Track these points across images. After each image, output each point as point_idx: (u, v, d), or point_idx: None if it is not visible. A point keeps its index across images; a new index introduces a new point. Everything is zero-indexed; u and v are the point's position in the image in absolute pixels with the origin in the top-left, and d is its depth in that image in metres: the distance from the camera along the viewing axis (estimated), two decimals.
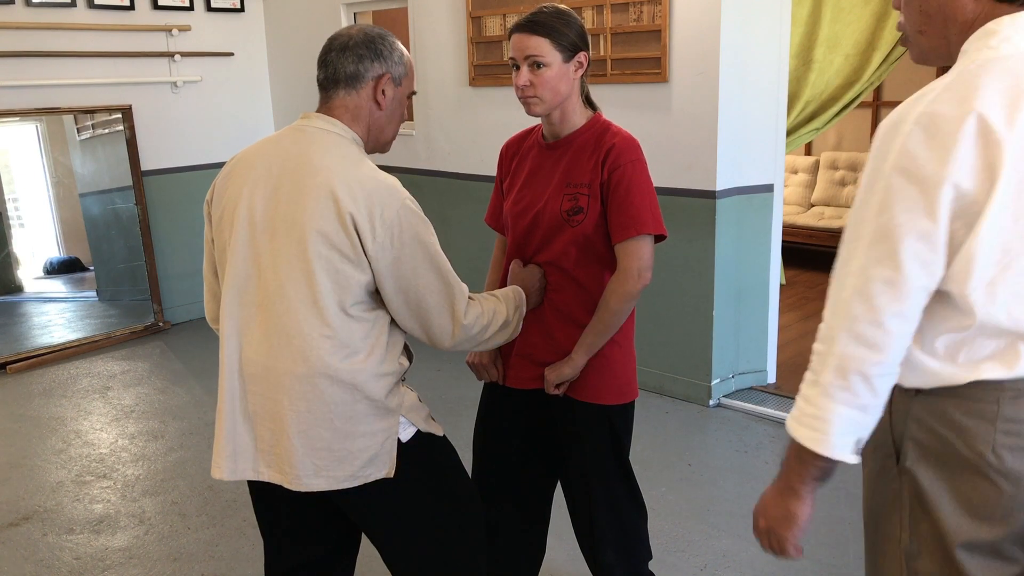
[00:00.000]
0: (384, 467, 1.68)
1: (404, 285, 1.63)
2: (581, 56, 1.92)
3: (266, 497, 1.80)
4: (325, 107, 1.71)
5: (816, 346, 1.25)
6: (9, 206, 5.66)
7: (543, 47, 1.87)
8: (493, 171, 2.27)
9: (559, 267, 1.98)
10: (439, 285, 1.67)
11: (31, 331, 5.37)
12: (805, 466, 1.28)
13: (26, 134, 5.63)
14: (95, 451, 3.64)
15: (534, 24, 1.87)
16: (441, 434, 1.86)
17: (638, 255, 1.93)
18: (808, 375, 1.26)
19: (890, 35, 5.02)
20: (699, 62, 3.62)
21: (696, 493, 3.13)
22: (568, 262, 1.96)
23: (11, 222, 5.69)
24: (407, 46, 4.97)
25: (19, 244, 5.82)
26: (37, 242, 6.05)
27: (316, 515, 1.83)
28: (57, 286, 6.05)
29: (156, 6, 5.08)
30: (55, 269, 6.13)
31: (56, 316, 5.60)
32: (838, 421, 1.22)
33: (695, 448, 3.50)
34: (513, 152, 2.11)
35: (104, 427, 3.90)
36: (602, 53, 3.92)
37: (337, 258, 1.57)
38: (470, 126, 4.64)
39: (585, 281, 1.98)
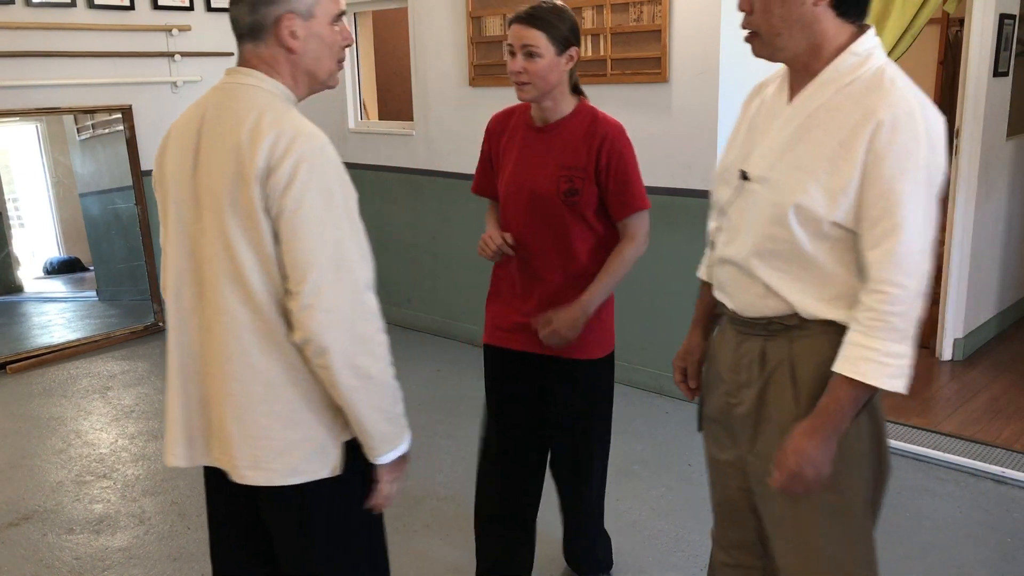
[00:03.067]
0: (329, 463, 1.52)
1: (297, 241, 1.41)
2: (573, 50, 2.13)
3: (223, 490, 1.64)
4: (242, 60, 1.55)
5: (895, 307, 1.42)
6: (9, 206, 5.66)
7: (539, 40, 2.07)
8: None
9: (563, 243, 2.20)
10: (336, 251, 1.43)
11: (31, 331, 5.37)
12: (857, 409, 1.49)
13: (26, 134, 5.63)
14: (95, 451, 3.64)
15: (533, 18, 2.08)
16: None
17: (644, 224, 2.23)
18: (890, 332, 1.42)
19: (890, 35, 5.01)
20: (699, 62, 3.62)
21: (696, 493, 3.13)
22: (573, 239, 2.19)
23: (11, 222, 5.69)
24: (407, 46, 4.98)
25: (19, 244, 5.82)
26: (37, 242, 6.05)
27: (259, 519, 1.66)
28: (57, 286, 6.05)
29: (156, 6, 5.08)
30: (55, 269, 6.13)
31: (56, 316, 5.60)
32: (911, 361, 1.46)
33: (695, 448, 3.50)
34: (500, 129, 2.30)
35: (104, 427, 3.90)
36: (602, 53, 3.92)
37: (250, 226, 1.43)
38: (470, 126, 4.64)
39: (582, 257, 2.22)
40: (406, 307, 5.29)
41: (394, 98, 6.04)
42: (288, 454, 1.50)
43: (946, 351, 4.38)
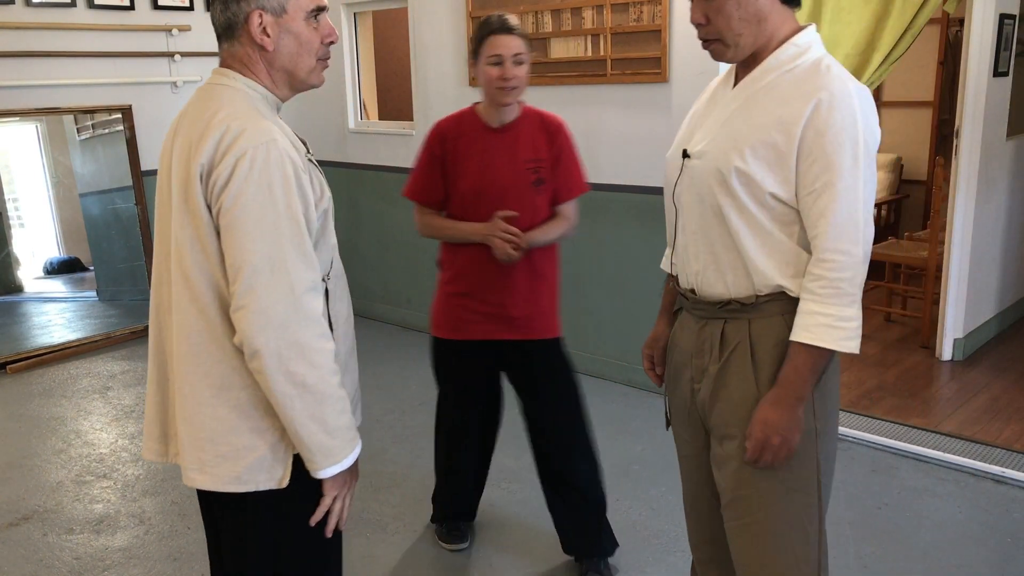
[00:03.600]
0: (276, 474, 1.48)
1: (232, 239, 1.38)
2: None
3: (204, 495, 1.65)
4: (221, 60, 1.54)
5: (843, 274, 1.50)
6: (9, 206, 5.66)
7: (524, 47, 2.39)
8: None
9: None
10: (272, 251, 1.38)
11: (31, 331, 5.37)
12: (816, 375, 1.56)
13: (26, 134, 5.63)
14: (95, 451, 3.64)
15: (515, 28, 2.38)
16: None
17: (576, 211, 2.56)
18: (841, 298, 1.51)
19: (890, 35, 5.01)
20: (699, 62, 3.62)
21: None
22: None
23: (11, 222, 5.69)
24: (407, 46, 4.98)
25: (19, 244, 5.82)
26: (37, 242, 6.05)
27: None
28: (57, 286, 6.05)
29: (156, 6, 5.08)
30: (55, 269, 6.13)
31: (56, 316, 5.60)
32: (860, 323, 1.55)
33: None
34: (456, 134, 2.50)
35: (104, 427, 3.90)
36: (602, 53, 3.92)
37: (196, 223, 1.41)
38: None
39: None
40: (406, 307, 5.29)
41: (394, 98, 6.04)
42: (233, 460, 1.46)
43: (946, 351, 4.38)
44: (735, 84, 1.65)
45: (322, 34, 1.52)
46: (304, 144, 1.57)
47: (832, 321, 1.51)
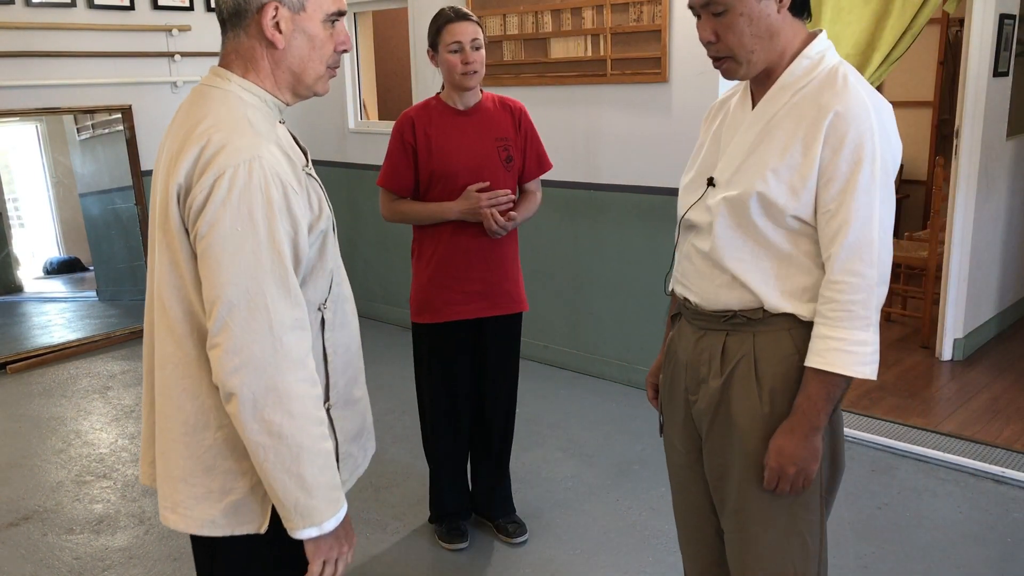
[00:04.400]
0: (255, 520, 1.37)
1: (207, 270, 1.26)
2: None
3: None
4: (222, 56, 1.39)
5: (855, 296, 1.46)
6: (9, 206, 5.65)
7: (480, 33, 2.52)
8: None
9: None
10: (251, 285, 1.25)
11: (31, 331, 5.37)
12: (832, 403, 1.51)
13: (26, 134, 5.62)
14: (95, 451, 3.64)
15: (469, 16, 2.51)
16: None
17: (540, 186, 2.76)
18: (852, 321, 1.46)
19: (890, 35, 5.02)
20: (699, 62, 3.62)
21: None
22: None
23: (11, 222, 5.68)
24: (407, 46, 4.98)
25: (19, 244, 5.82)
26: (37, 242, 6.04)
27: None
28: (57, 286, 6.05)
29: (156, 6, 5.08)
30: (55, 269, 6.13)
31: (56, 316, 5.60)
32: (878, 348, 1.50)
33: None
34: (425, 120, 2.60)
35: (104, 427, 3.90)
36: (602, 53, 3.92)
37: (174, 248, 1.30)
38: None
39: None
40: (406, 307, 5.28)
41: (394, 98, 6.04)
42: (208, 503, 1.36)
43: (946, 351, 4.38)
44: (753, 104, 1.61)
45: (336, 40, 1.41)
46: (305, 154, 1.46)
47: (844, 346, 1.46)
